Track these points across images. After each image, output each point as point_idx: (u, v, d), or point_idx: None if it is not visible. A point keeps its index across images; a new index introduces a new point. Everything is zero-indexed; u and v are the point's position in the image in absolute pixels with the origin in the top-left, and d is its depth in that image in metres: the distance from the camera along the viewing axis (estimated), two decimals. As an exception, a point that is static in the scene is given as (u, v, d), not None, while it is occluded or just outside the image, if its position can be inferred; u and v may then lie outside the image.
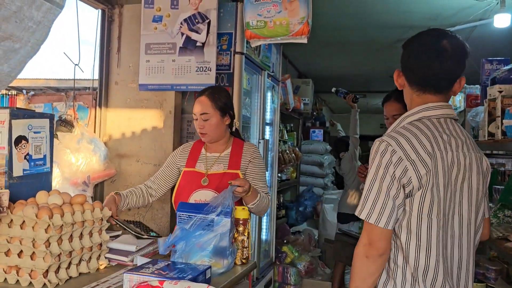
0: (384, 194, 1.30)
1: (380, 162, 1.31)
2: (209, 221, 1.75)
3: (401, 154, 1.29)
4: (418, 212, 1.31)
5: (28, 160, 1.83)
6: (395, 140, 1.32)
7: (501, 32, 4.63)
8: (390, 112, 2.34)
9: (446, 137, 1.35)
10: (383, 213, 1.29)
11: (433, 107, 1.39)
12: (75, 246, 1.62)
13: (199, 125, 2.11)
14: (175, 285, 1.42)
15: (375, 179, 1.31)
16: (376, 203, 1.30)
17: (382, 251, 1.31)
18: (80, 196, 1.74)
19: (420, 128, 1.35)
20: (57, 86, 4.43)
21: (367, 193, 1.32)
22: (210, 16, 2.55)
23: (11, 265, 1.53)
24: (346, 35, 5.35)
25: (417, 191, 1.30)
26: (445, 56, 1.34)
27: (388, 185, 1.30)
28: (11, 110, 1.76)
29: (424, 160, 1.30)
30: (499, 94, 2.17)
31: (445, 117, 1.40)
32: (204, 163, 2.15)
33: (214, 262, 1.71)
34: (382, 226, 1.29)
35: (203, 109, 2.08)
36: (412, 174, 1.29)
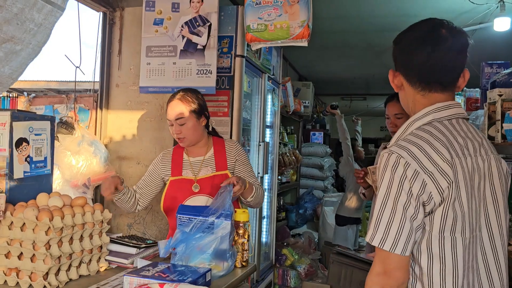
0: (400, 215, 1.10)
1: (392, 177, 1.11)
2: (209, 224, 1.75)
3: (416, 167, 1.10)
4: (439, 231, 1.13)
5: (29, 162, 1.83)
6: (406, 151, 1.12)
7: (501, 36, 4.64)
8: (392, 111, 2.35)
9: (462, 141, 1.17)
10: (399, 238, 1.10)
11: (443, 107, 1.20)
12: (76, 248, 1.62)
13: (175, 130, 2.05)
14: (176, 287, 1.42)
15: (387, 198, 1.12)
16: (390, 227, 1.10)
17: (402, 281, 1.12)
18: (81, 198, 1.74)
19: (432, 133, 1.15)
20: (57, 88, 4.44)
21: (379, 214, 1.12)
22: (211, 19, 2.56)
23: (11, 267, 1.53)
24: (346, 39, 5.37)
25: (437, 207, 1.12)
26: (446, 46, 1.17)
27: (404, 204, 1.10)
28: (12, 112, 1.77)
29: (444, 171, 1.11)
30: (499, 97, 2.18)
31: (456, 118, 1.21)
32: (191, 169, 2.10)
33: (214, 265, 1.71)
34: (399, 253, 1.10)
35: (177, 113, 2.03)
36: (432, 189, 1.10)
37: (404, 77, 1.25)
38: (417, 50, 1.20)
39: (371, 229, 1.13)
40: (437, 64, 1.19)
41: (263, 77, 3.23)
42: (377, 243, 1.11)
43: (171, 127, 2.07)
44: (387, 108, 2.40)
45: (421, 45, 1.19)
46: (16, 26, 3.32)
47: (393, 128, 2.37)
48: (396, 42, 1.27)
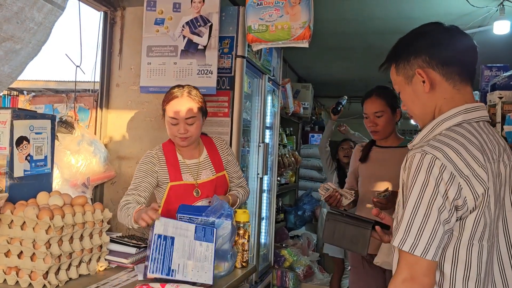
0: (435, 219, 1.05)
1: (427, 179, 1.06)
2: (210, 224, 1.75)
3: (453, 170, 1.06)
4: (469, 238, 1.10)
5: (29, 160, 1.83)
6: (441, 152, 1.08)
7: (500, 39, 4.65)
8: (371, 109, 2.23)
9: (491, 145, 1.15)
10: (432, 242, 1.05)
11: (472, 109, 1.17)
12: (75, 247, 1.62)
13: (181, 129, 1.93)
14: (177, 287, 1.42)
15: (420, 201, 1.06)
16: (423, 231, 1.05)
17: (429, 287, 1.09)
18: (81, 198, 1.74)
19: (465, 135, 1.12)
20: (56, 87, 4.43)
21: (411, 217, 1.07)
22: (212, 19, 2.56)
23: (11, 266, 1.53)
24: (346, 41, 5.38)
25: (469, 213, 1.09)
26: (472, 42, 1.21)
27: (439, 208, 1.05)
28: (13, 111, 1.76)
29: (480, 176, 1.08)
30: (499, 100, 2.19)
31: (483, 120, 1.19)
32: (189, 173, 2.03)
33: (215, 265, 1.70)
34: (430, 259, 1.06)
35: (188, 111, 1.93)
36: (467, 194, 1.07)
37: (440, 71, 1.19)
38: (455, 41, 1.18)
39: (402, 232, 1.08)
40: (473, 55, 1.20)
41: (264, 78, 3.23)
42: (408, 248, 1.06)
43: (174, 126, 1.95)
44: (365, 106, 2.28)
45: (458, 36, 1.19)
46: (16, 25, 3.31)
47: (373, 127, 2.25)
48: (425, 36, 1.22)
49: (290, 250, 4.38)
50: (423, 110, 1.24)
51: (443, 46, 1.20)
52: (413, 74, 1.23)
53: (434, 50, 1.20)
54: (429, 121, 1.22)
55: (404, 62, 1.25)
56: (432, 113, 1.22)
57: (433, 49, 1.20)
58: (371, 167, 2.29)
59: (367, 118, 2.27)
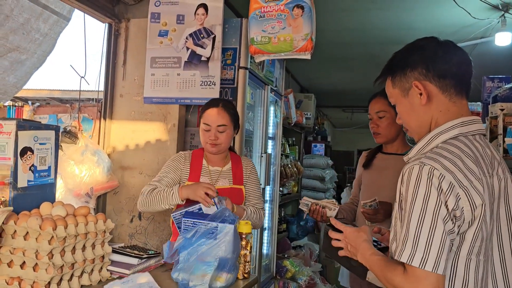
0: (441, 231, 1.04)
1: (429, 190, 1.05)
2: (213, 228, 1.75)
3: (451, 179, 1.06)
4: (468, 253, 1.10)
5: (33, 171, 1.84)
6: (439, 163, 1.08)
7: (502, 50, 4.67)
8: (374, 108, 2.19)
9: (486, 159, 1.16)
10: (441, 255, 1.03)
11: (468, 122, 1.19)
12: (78, 258, 1.62)
13: (212, 136, 2.07)
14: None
15: (425, 213, 1.05)
16: (431, 244, 1.03)
17: None
18: (84, 208, 1.75)
19: (461, 148, 1.13)
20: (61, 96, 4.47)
21: (417, 231, 1.05)
22: (215, 31, 2.58)
23: (13, 276, 1.53)
24: (348, 51, 5.41)
25: (467, 227, 1.08)
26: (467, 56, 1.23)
27: (444, 218, 1.04)
28: (17, 122, 1.78)
29: (477, 188, 1.08)
30: (501, 112, 2.20)
31: (479, 134, 1.21)
32: (209, 177, 2.14)
33: (216, 276, 1.71)
34: (440, 273, 1.03)
35: (221, 120, 2.08)
36: (465, 205, 1.06)
37: (436, 83, 1.21)
38: (450, 55, 1.20)
39: (409, 247, 1.05)
40: (468, 69, 1.22)
41: (266, 89, 3.25)
42: (418, 263, 1.04)
43: (206, 132, 2.08)
44: (370, 107, 2.24)
45: (452, 50, 1.21)
46: (22, 36, 3.36)
47: (375, 128, 2.21)
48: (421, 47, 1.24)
49: (292, 261, 4.37)
50: (419, 123, 1.24)
51: (439, 60, 1.21)
52: (410, 86, 1.24)
53: (431, 63, 1.21)
54: (425, 134, 1.22)
55: (400, 75, 1.26)
56: (428, 126, 1.22)
57: (429, 62, 1.21)
58: (373, 174, 2.24)
59: (371, 119, 2.22)
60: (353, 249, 1.27)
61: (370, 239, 1.26)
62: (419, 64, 1.22)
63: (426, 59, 1.21)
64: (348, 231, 1.30)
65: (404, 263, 1.07)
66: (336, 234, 1.34)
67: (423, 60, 1.22)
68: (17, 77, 3.64)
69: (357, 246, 1.25)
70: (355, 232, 1.28)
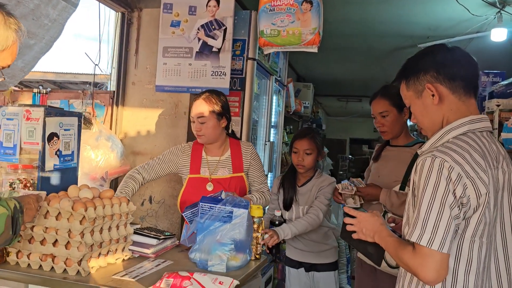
0: (448, 216, 1.18)
1: (439, 179, 1.19)
2: (228, 212, 1.87)
3: (460, 171, 1.19)
4: (472, 235, 1.23)
5: (58, 155, 1.95)
6: (449, 156, 1.21)
7: (497, 46, 4.80)
8: (377, 109, 2.29)
9: (492, 153, 1.29)
10: (447, 237, 1.18)
11: (476, 120, 1.31)
12: (105, 237, 1.74)
13: (196, 127, 2.17)
14: (204, 276, 1.55)
15: (434, 199, 1.19)
16: (438, 226, 1.18)
17: (442, 278, 1.20)
18: (109, 191, 1.86)
19: (469, 143, 1.26)
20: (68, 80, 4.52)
21: (426, 215, 1.19)
22: (227, 23, 2.67)
23: (46, 253, 1.64)
24: (347, 42, 5.51)
25: (472, 213, 1.22)
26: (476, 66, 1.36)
27: (451, 205, 1.18)
28: (45, 108, 1.87)
29: (483, 179, 1.22)
30: (497, 107, 2.33)
31: (486, 131, 1.33)
32: (208, 168, 2.20)
33: (233, 256, 1.83)
34: (445, 252, 1.18)
35: (200, 112, 2.14)
36: (471, 193, 1.20)
37: (447, 85, 1.32)
38: (458, 59, 1.34)
39: (418, 229, 1.19)
40: (475, 71, 1.35)
41: (271, 79, 3.36)
42: (425, 243, 1.18)
43: (193, 124, 2.18)
44: (372, 107, 2.34)
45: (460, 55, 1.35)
46: (31, 21, 3.41)
47: (381, 127, 2.31)
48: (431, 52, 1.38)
49: (290, 245, 4.50)
50: (432, 121, 1.36)
51: (449, 64, 1.34)
52: (423, 88, 1.36)
53: (441, 67, 1.33)
54: (437, 130, 1.34)
55: (414, 78, 1.38)
56: (440, 124, 1.35)
57: (440, 66, 1.34)
58: (380, 165, 2.37)
59: (375, 118, 2.33)
60: (368, 232, 1.40)
61: (385, 222, 1.40)
62: (431, 68, 1.34)
63: (437, 63, 1.34)
64: (363, 216, 1.43)
65: (413, 242, 1.21)
66: (350, 220, 1.47)
67: (434, 65, 1.34)
68: (24, 62, 3.70)
69: (374, 229, 1.38)
70: (369, 217, 1.41)
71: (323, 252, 2.63)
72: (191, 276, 1.53)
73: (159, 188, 2.79)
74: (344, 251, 4.64)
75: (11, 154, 1.89)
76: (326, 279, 2.64)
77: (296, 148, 2.49)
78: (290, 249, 2.69)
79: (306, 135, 2.51)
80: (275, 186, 2.62)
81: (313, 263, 2.62)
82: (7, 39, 1.31)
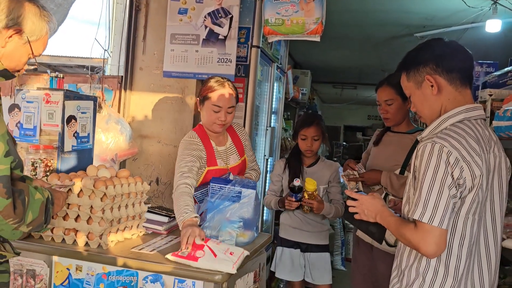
0: (447, 195, 1.30)
1: (438, 163, 1.31)
2: (237, 193, 2.00)
3: (457, 155, 1.31)
4: (466, 212, 1.36)
5: (76, 137, 2.06)
6: (448, 142, 1.33)
7: (491, 37, 4.93)
8: (382, 97, 2.38)
9: (485, 139, 1.40)
10: (446, 214, 1.30)
11: (471, 109, 1.43)
12: (122, 214, 1.86)
13: (221, 116, 2.10)
14: (218, 245, 1.68)
15: (435, 180, 1.30)
16: (438, 204, 1.30)
17: (441, 251, 1.33)
18: (125, 171, 1.97)
19: (465, 130, 1.37)
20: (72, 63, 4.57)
21: (427, 195, 1.31)
22: (233, 11, 2.76)
23: (69, 228, 1.76)
24: (345, 31, 5.59)
25: (467, 193, 1.34)
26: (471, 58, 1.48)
27: (449, 186, 1.30)
28: (64, 92, 1.98)
29: (477, 162, 1.33)
30: (489, 97, 2.46)
31: (480, 118, 1.44)
32: (221, 158, 2.22)
33: (241, 233, 1.96)
34: (444, 228, 1.30)
35: (231, 102, 2.13)
36: (467, 175, 1.31)
37: (445, 77, 1.43)
38: (455, 52, 1.45)
39: (421, 206, 1.31)
40: (470, 64, 1.47)
41: (273, 66, 3.46)
42: (427, 220, 1.30)
43: (215, 113, 2.10)
44: (378, 94, 2.43)
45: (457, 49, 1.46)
46: (38, 5, 3.47)
47: (384, 114, 2.39)
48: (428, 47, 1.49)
49: (287, 227, 4.65)
50: (431, 110, 1.48)
51: (447, 57, 1.45)
52: (423, 80, 1.47)
53: (440, 60, 1.44)
54: (436, 118, 1.46)
55: (414, 70, 1.49)
56: (439, 112, 1.46)
57: (439, 59, 1.44)
58: (379, 149, 2.49)
59: (379, 105, 2.42)
60: (370, 213, 1.53)
61: (385, 204, 1.54)
62: (430, 61, 1.45)
63: (436, 56, 1.45)
64: (364, 198, 1.56)
65: (415, 220, 1.34)
66: (352, 202, 1.60)
67: (433, 58, 1.45)
68: (30, 46, 3.76)
69: (376, 210, 1.51)
70: (371, 199, 1.54)
71: (318, 233, 2.76)
72: (205, 244, 1.66)
73: (165, 170, 2.91)
74: (339, 234, 4.81)
75: (31, 136, 2.00)
76: (322, 259, 2.78)
77: (305, 135, 2.64)
78: (286, 229, 2.82)
79: (313, 122, 2.66)
80: (279, 168, 2.75)
81: (309, 244, 2.76)
82: (42, 29, 1.41)
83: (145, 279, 1.65)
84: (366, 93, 10.80)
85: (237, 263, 1.65)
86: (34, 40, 1.40)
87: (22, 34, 1.36)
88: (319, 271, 2.75)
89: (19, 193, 1.27)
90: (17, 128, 2.00)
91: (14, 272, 1.75)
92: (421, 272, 1.40)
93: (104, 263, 1.70)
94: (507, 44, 5.37)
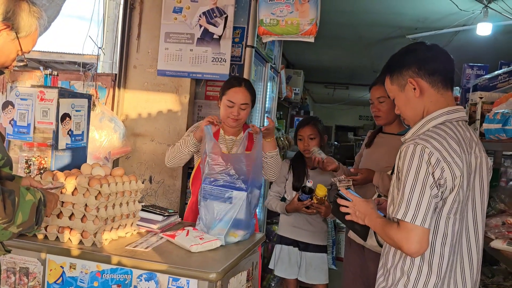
0: (428, 195, 1.33)
1: (420, 163, 1.34)
2: (229, 195, 2.01)
3: (438, 156, 1.34)
4: (448, 212, 1.39)
5: (70, 135, 2.05)
6: (429, 143, 1.36)
7: (482, 40, 5.00)
8: (375, 94, 2.42)
9: (466, 140, 1.43)
10: (428, 213, 1.32)
11: (453, 111, 1.46)
12: (117, 212, 1.86)
13: (234, 112, 2.27)
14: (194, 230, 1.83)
15: (417, 181, 1.33)
16: (420, 204, 1.32)
17: (423, 250, 1.35)
18: (119, 170, 1.97)
19: (446, 131, 1.40)
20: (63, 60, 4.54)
21: (410, 194, 1.34)
22: (228, 11, 2.77)
23: (63, 226, 1.76)
24: (337, 31, 5.63)
25: (449, 193, 1.37)
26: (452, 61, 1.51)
27: (431, 185, 1.33)
28: (59, 90, 1.97)
29: (457, 163, 1.35)
30: (480, 100, 2.50)
31: (461, 120, 1.48)
32: (225, 145, 2.37)
33: (232, 232, 1.98)
34: (427, 227, 1.33)
35: (244, 99, 2.28)
36: (447, 176, 1.34)
37: (427, 80, 1.47)
38: (437, 56, 1.48)
39: (404, 207, 1.34)
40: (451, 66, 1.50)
41: (267, 66, 3.47)
42: (409, 219, 1.33)
43: (230, 108, 2.27)
44: (371, 93, 2.46)
45: (439, 53, 1.49)
46: (31, 2, 3.44)
47: (376, 112, 2.43)
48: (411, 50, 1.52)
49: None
50: (414, 112, 1.51)
51: (429, 60, 1.48)
52: (405, 83, 1.50)
53: (422, 63, 1.47)
54: (419, 120, 1.50)
55: (397, 74, 1.52)
56: (421, 114, 1.50)
57: (421, 62, 1.48)
58: (371, 151, 2.52)
59: (372, 104, 2.45)
60: (361, 215, 1.56)
61: (376, 207, 1.57)
62: (412, 64, 1.48)
63: (419, 60, 1.48)
64: (358, 200, 1.60)
65: (398, 219, 1.37)
66: (345, 202, 1.62)
67: (416, 61, 1.48)
68: (22, 42, 3.73)
69: (366, 212, 1.55)
70: (364, 202, 1.58)
71: (318, 233, 2.80)
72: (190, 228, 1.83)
73: (158, 168, 2.91)
74: (330, 233, 4.85)
75: (25, 133, 1.99)
76: (319, 259, 2.81)
77: (301, 135, 2.74)
78: (285, 228, 2.85)
79: (308, 122, 2.76)
80: (284, 170, 2.81)
81: (307, 243, 2.79)
82: (31, 26, 1.40)
83: (140, 277, 1.66)
84: (358, 94, 10.88)
85: (200, 246, 1.77)
86: (23, 36, 1.39)
87: (11, 30, 1.35)
88: (316, 270, 2.79)
89: (9, 193, 1.25)
90: (10, 125, 1.99)
91: (7, 270, 1.74)
92: (405, 271, 1.44)
93: (98, 261, 1.70)
94: (498, 47, 5.46)
